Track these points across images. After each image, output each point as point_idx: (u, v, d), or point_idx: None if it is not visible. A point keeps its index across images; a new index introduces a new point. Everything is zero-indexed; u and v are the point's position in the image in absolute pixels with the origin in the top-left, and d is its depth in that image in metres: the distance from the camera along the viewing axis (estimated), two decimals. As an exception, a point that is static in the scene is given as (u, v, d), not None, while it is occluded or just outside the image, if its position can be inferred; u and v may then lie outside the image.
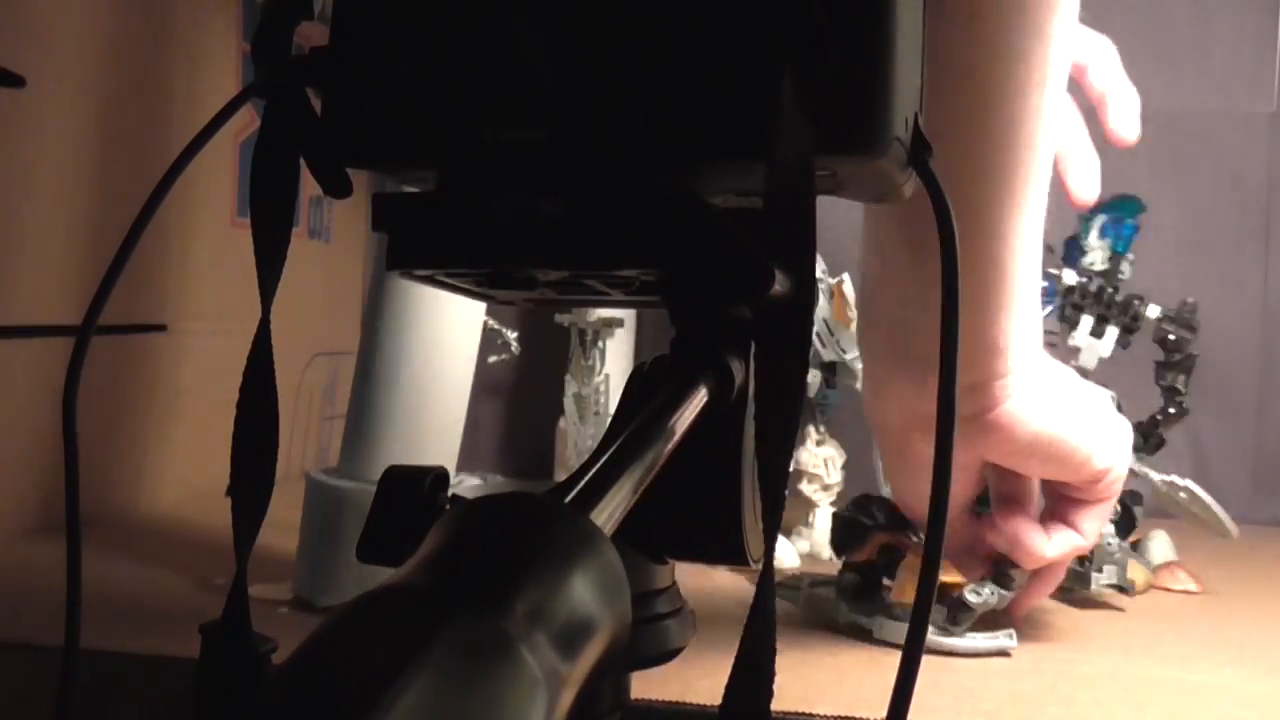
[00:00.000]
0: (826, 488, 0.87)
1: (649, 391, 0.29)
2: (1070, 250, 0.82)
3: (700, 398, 0.28)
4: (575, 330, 0.96)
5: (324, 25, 0.30)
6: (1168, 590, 0.82)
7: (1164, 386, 0.86)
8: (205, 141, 0.32)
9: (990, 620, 0.64)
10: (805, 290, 0.25)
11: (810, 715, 0.52)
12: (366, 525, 0.29)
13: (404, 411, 0.69)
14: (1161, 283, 1.38)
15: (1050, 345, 0.82)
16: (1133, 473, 0.77)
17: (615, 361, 0.98)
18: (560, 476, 1.10)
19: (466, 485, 0.74)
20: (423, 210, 0.30)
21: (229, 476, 0.29)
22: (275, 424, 0.29)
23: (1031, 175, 0.52)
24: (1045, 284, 0.82)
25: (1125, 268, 0.82)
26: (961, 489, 0.64)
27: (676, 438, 0.27)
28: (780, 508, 0.24)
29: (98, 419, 0.90)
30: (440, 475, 0.29)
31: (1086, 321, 0.82)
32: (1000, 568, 0.65)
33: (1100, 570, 0.74)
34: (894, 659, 0.25)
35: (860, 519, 0.69)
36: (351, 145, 0.30)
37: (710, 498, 0.29)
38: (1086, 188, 0.74)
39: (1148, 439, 0.85)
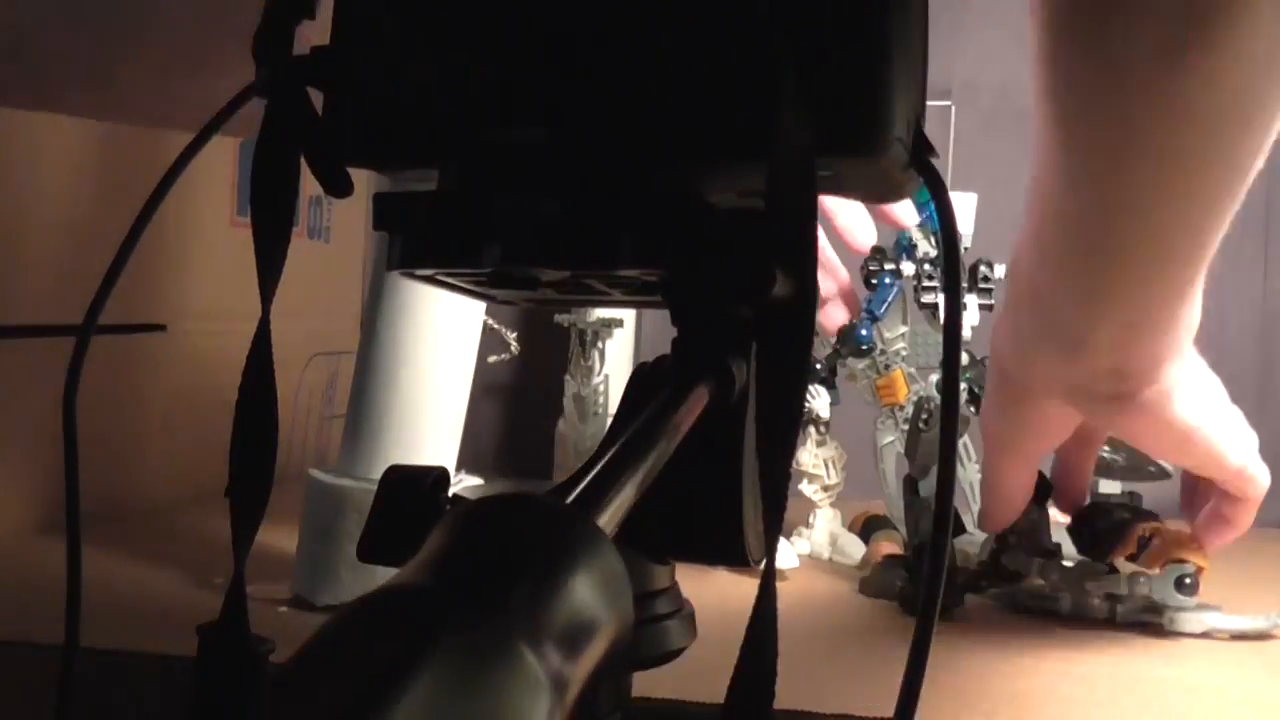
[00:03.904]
0: (827, 488, 0.87)
1: (650, 392, 0.29)
2: (900, 249, 0.83)
3: (701, 398, 0.28)
4: (575, 330, 0.96)
5: (325, 25, 0.30)
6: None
7: None
8: (205, 141, 0.32)
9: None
10: (806, 290, 0.25)
11: (811, 715, 0.52)
12: (367, 525, 0.29)
13: (404, 411, 0.69)
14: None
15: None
16: None
17: (615, 361, 0.98)
18: (560, 477, 1.10)
19: (467, 485, 0.74)
20: (423, 210, 0.30)
21: (228, 476, 0.29)
22: (275, 424, 0.29)
23: (1241, 193, 0.49)
24: (887, 280, 0.82)
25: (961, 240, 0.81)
26: (1080, 464, 0.69)
27: (678, 439, 0.27)
28: (782, 508, 0.24)
29: (98, 419, 0.89)
30: (441, 475, 0.29)
31: (940, 299, 0.82)
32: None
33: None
34: (895, 657, 0.25)
35: (1122, 516, 0.74)
36: (352, 144, 0.30)
37: (711, 498, 0.29)
38: (865, 236, 0.79)
39: None
